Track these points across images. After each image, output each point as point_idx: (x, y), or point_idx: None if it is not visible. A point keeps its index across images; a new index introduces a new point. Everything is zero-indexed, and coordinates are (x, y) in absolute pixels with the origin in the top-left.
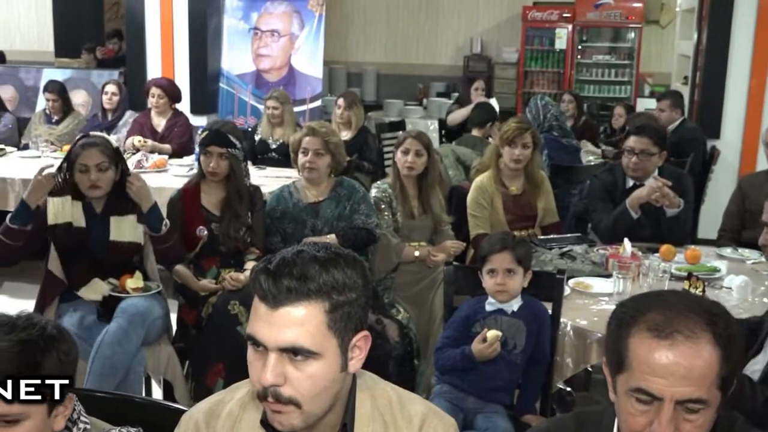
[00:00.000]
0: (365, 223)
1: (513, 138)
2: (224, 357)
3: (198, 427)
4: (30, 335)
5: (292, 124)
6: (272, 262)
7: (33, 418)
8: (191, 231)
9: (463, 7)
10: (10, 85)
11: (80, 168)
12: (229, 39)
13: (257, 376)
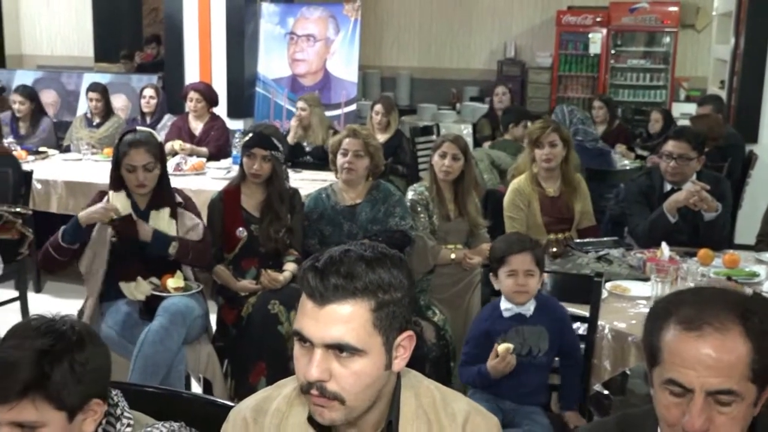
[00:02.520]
0: (399, 225)
1: (538, 138)
2: (266, 356)
3: (246, 422)
4: (45, 345)
5: (323, 127)
6: (320, 260)
7: (51, 425)
8: (231, 232)
9: (497, 12)
10: (52, 89)
11: (127, 168)
12: (266, 44)
13: (303, 371)
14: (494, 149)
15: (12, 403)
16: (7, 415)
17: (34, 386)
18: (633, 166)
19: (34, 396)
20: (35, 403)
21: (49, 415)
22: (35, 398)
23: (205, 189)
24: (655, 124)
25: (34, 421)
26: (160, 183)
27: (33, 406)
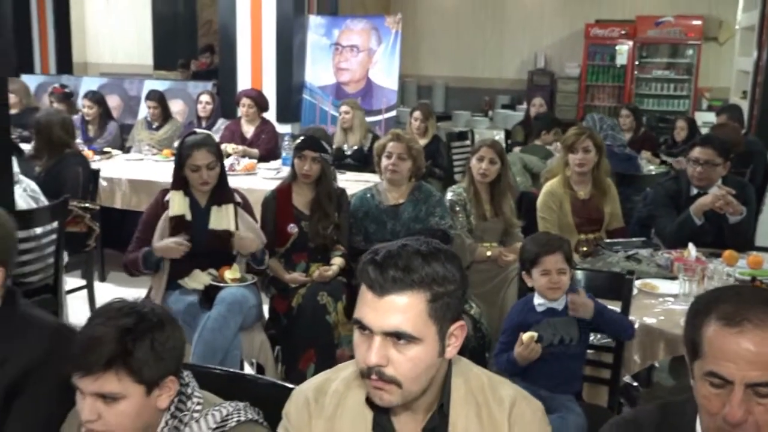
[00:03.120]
0: (439, 224)
1: (573, 144)
2: (315, 343)
3: (308, 401)
4: (128, 323)
5: (363, 131)
6: (379, 254)
7: (130, 398)
8: (283, 228)
9: (528, 24)
10: (116, 94)
11: (192, 168)
12: (313, 53)
13: (362, 357)
14: (526, 154)
15: (97, 375)
16: (92, 386)
17: (117, 360)
18: (658, 172)
19: (117, 369)
20: (118, 376)
21: (130, 388)
22: (119, 371)
23: (256, 188)
24: (680, 131)
25: (116, 393)
26: (220, 181)
27: (116, 379)
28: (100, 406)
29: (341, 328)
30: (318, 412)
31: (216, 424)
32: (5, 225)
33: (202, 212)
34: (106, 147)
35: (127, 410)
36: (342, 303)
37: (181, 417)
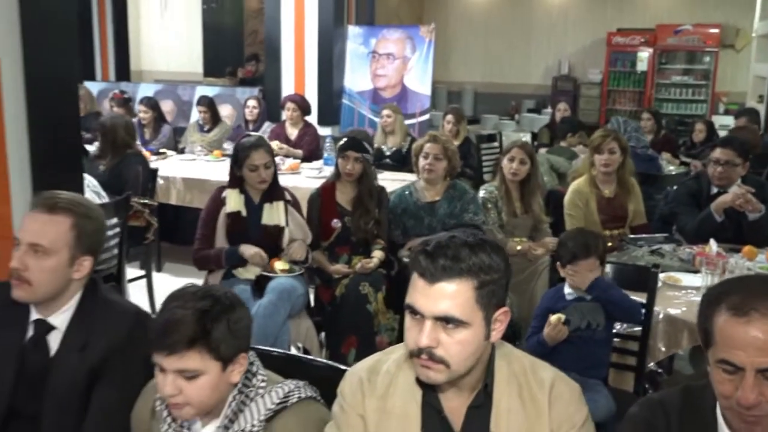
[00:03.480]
0: (472, 220)
1: (599, 145)
2: (356, 330)
3: (361, 381)
4: (205, 306)
5: (402, 133)
6: (430, 245)
7: (209, 373)
8: (327, 223)
9: (553, 33)
10: (170, 100)
11: (250, 167)
12: (351, 61)
13: (413, 339)
14: (552, 155)
15: (180, 354)
16: (176, 364)
17: (198, 340)
18: (678, 172)
19: (199, 348)
20: (200, 354)
21: (209, 364)
22: (200, 349)
23: (300, 186)
24: (699, 134)
25: (196, 369)
26: (272, 180)
27: (198, 356)
28: (181, 382)
29: (381, 316)
30: (371, 391)
31: (279, 399)
32: (100, 219)
33: (255, 209)
34: (161, 148)
35: (206, 384)
36: (382, 293)
37: (247, 392)
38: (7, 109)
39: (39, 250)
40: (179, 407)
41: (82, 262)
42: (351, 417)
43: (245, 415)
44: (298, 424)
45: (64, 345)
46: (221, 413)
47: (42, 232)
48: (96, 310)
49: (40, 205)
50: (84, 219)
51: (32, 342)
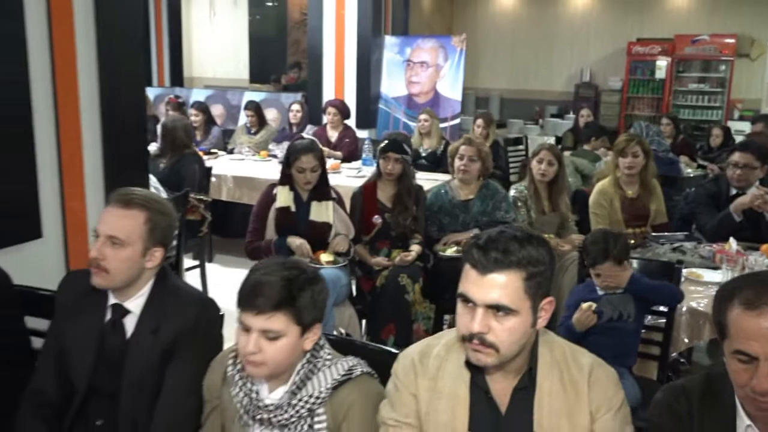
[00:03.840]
0: (504, 218)
1: (623, 149)
2: (395, 318)
3: (414, 363)
4: (291, 273)
5: (437, 136)
6: (481, 239)
7: (289, 336)
8: (368, 219)
9: (575, 43)
10: (220, 104)
11: (298, 169)
12: (388, 69)
13: (466, 325)
14: (576, 157)
15: (267, 315)
16: (262, 324)
17: (284, 304)
18: (696, 174)
19: (284, 311)
20: (285, 317)
21: (291, 328)
22: (285, 313)
23: (340, 185)
24: (716, 138)
25: (278, 331)
26: (321, 180)
27: (283, 319)
28: (262, 341)
29: (418, 305)
30: (423, 372)
31: (344, 371)
32: (171, 214)
33: (303, 205)
34: (212, 148)
35: (285, 347)
36: (419, 284)
37: (315, 362)
38: (83, 116)
39: (116, 242)
40: (256, 365)
41: (154, 252)
42: (404, 395)
43: (313, 382)
44: (360, 395)
45: (138, 328)
46: (288, 380)
47: (119, 226)
48: (167, 296)
49: (117, 201)
50: (157, 214)
51: (110, 325)
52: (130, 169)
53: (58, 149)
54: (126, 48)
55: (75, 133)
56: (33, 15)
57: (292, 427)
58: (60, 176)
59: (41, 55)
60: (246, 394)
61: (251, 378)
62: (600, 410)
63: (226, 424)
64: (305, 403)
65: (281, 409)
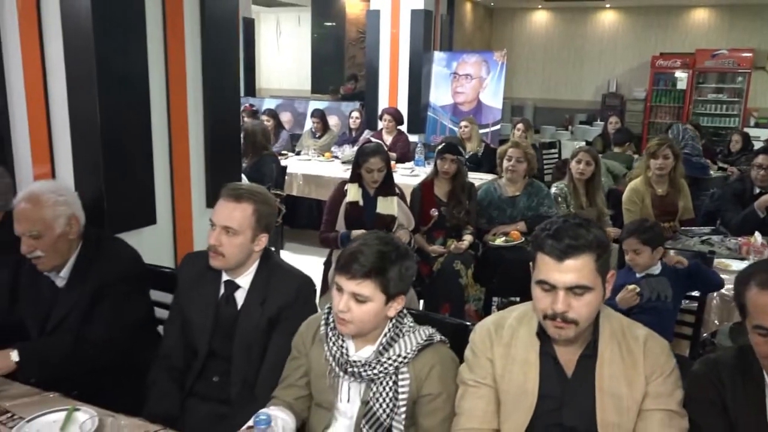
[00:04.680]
0: (547, 212)
1: (655, 151)
2: (449, 299)
3: (489, 332)
4: (387, 248)
5: (477, 141)
6: (551, 229)
7: (375, 301)
8: (426, 212)
9: (603, 57)
10: (288, 111)
11: (367, 169)
12: (436, 80)
13: (547, 306)
14: (608, 160)
15: (359, 280)
16: (353, 287)
17: (375, 273)
18: (716, 176)
19: (374, 279)
20: (373, 284)
21: (377, 295)
22: (374, 281)
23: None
24: (736, 144)
25: (366, 296)
26: (386, 178)
27: (372, 286)
28: (352, 303)
29: (470, 288)
30: (498, 341)
31: (426, 336)
32: (273, 204)
33: (371, 200)
34: (282, 150)
35: (370, 310)
36: (471, 270)
37: (400, 327)
38: (190, 123)
39: (230, 231)
40: (344, 323)
41: (260, 238)
42: (481, 359)
43: (399, 344)
44: (439, 359)
45: (248, 300)
46: (376, 341)
47: (231, 217)
48: (271, 274)
49: (228, 195)
50: (262, 205)
51: (224, 298)
52: (227, 166)
53: (170, 150)
54: (225, 64)
55: (183, 137)
56: (153, 34)
57: (378, 382)
58: (171, 173)
59: (158, 70)
60: (338, 348)
61: (341, 336)
62: (653, 374)
63: (313, 380)
64: (393, 362)
65: (369, 365)
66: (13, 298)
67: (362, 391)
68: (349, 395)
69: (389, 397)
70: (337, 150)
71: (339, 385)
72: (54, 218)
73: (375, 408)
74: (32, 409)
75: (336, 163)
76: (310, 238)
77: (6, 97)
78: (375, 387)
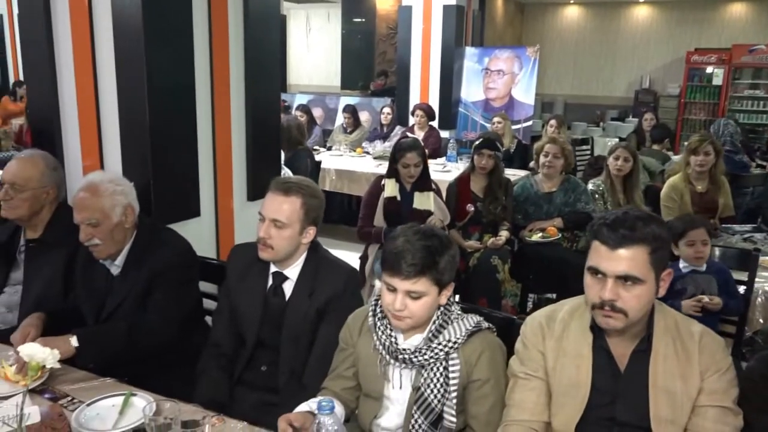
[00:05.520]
0: (585, 209)
1: (696, 148)
2: (486, 294)
3: (541, 325)
4: (432, 242)
5: (510, 137)
6: (609, 219)
7: (429, 295)
8: (462, 207)
9: (636, 52)
10: (319, 107)
11: (404, 164)
12: (467, 76)
13: (596, 293)
14: (644, 156)
15: (413, 280)
16: (407, 286)
17: (427, 268)
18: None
19: (427, 275)
20: (428, 280)
21: (431, 288)
22: (428, 277)
23: None
24: None
25: (421, 292)
26: (422, 173)
27: (426, 282)
28: (407, 300)
29: (506, 284)
30: (550, 334)
31: (475, 323)
32: (321, 197)
33: (407, 195)
34: (314, 146)
35: (425, 304)
36: (508, 265)
37: (449, 315)
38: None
39: (278, 224)
40: (401, 319)
41: (308, 230)
42: (533, 352)
43: (449, 330)
44: (488, 345)
45: (296, 291)
46: (425, 328)
47: (280, 210)
48: (319, 266)
49: (277, 189)
50: (310, 198)
51: (272, 289)
52: (267, 161)
53: (213, 145)
54: (267, 60)
55: (226, 132)
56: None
57: (429, 367)
58: (214, 167)
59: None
60: (387, 337)
61: (390, 326)
62: (709, 371)
63: (361, 370)
64: (443, 347)
65: (420, 351)
66: (67, 287)
67: (413, 377)
68: (401, 382)
69: (440, 383)
70: (368, 145)
71: (390, 373)
72: (111, 207)
73: (426, 393)
74: (90, 393)
75: (367, 159)
76: (343, 233)
77: (57, 90)
78: (426, 373)
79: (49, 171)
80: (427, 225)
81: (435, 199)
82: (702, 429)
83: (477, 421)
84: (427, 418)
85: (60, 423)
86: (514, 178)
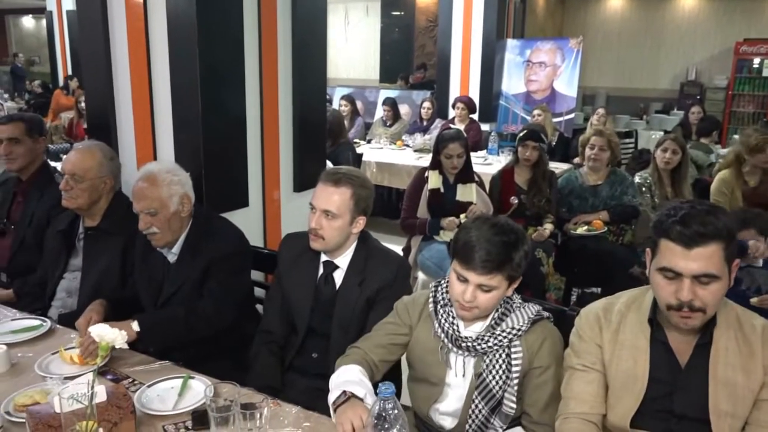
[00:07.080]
0: (631, 201)
1: (757, 145)
2: (530, 287)
3: (598, 317)
4: (509, 237)
5: (551, 129)
6: (677, 216)
7: (500, 288)
8: (506, 199)
9: (682, 43)
10: (359, 100)
11: (446, 155)
12: (508, 68)
13: (672, 295)
14: (691, 149)
15: (489, 275)
16: (480, 280)
17: (503, 264)
18: None
19: (503, 270)
20: (501, 275)
21: (502, 282)
22: (503, 271)
23: None
24: None
25: (494, 286)
26: (465, 165)
27: (500, 277)
28: (478, 292)
29: (551, 277)
30: (606, 326)
31: (535, 312)
32: (370, 187)
33: (450, 187)
34: (355, 138)
35: (494, 297)
36: (552, 258)
37: (511, 304)
38: (281, 112)
39: (329, 215)
40: (469, 310)
41: (358, 220)
42: (590, 345)
43: (511, 318)
44: (549, 333)
45: (346, 280)
46: (488, 316)
47: (331, 201)
48: (369, 255)
49: (328, 180)
50: (360, 188)
51: (323, 278)
52: (313, 154)
53: (261, 138)
54: (314, 54)
55: (274, 125)
56: (249, 25)
57: (491, 354)
58: (262, 159)
59: (252, 61)
60: (449, 325)
61: (452, 313)
62: None
63: (420, 355)
64: (507, 335)
65: (483, 339)
66: (123, 272)
67: (474, 364)
68: (464, 369)
69: (502, 369)
70: (408, 138)
71: (453, 360)
72: (169, 197)
73: (488, 380)
74: (150, 375)
75: (408, 152)
76: (384, 225)
77: (112, 83)
78: (488, 359)
79: (106, 161)
80: (503, 218)
81: (478, 190)
82: (764, 423)
83: (535, 408)
84: (487, 404)
85: (125, 402)
86: (557, 171)
